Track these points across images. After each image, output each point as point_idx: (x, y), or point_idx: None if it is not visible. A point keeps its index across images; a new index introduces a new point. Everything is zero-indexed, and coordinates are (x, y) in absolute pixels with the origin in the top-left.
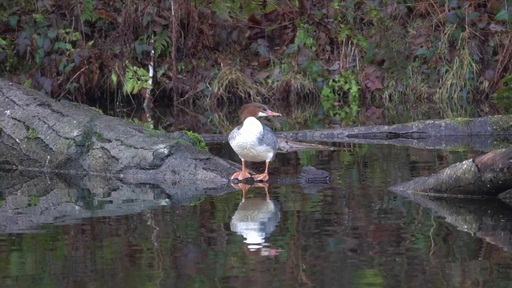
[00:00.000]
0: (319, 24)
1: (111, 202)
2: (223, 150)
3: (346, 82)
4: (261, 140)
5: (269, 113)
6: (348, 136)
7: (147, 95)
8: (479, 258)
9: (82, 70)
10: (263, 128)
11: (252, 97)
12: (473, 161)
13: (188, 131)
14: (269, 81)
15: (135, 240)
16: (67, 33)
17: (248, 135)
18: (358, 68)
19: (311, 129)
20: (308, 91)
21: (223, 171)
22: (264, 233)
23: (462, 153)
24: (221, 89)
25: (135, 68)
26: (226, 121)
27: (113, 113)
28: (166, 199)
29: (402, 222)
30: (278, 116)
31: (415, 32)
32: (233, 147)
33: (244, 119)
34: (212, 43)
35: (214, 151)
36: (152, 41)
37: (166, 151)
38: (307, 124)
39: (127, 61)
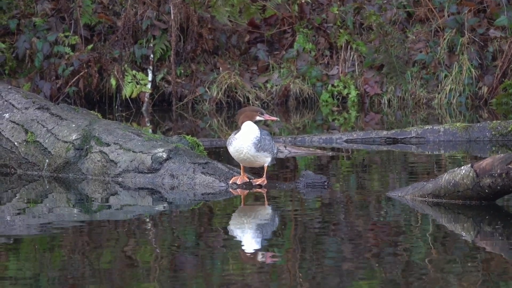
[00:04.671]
0: (319, 29)
1: (109, 206)
2: (222, 154)
3: (345, 87)
4: (257, 145)
5: (267, 117)
6: (346, 141)
7: (146, 99)
8: (477, 264)
9: (81, 73)
10: (261, 133)
11: (251, 102)
12: (472, 166)
13: (186, 136)
14: (268, 85)
15: (133, 245)
16: (66, 36)
17: (245, 140)
18: (357, 73)
19: (309, 134)
20: (307, 96)
21: (221, 175)
22: (262, 239)
23: (460, 159)
24: (220, 94)
25: (134, 72)
26: (225, 126)
27: (112, 117)
28: (165, 204)
29: (400, 227)
30: (276, 120)
31: (414, 37)
32: (230, 153)
33: (241, 123)
34: (211, 47)
35: (213, 155)
36: (151, 45)
37: (164, 155)
38: (305, 129)
39: (126, 65)
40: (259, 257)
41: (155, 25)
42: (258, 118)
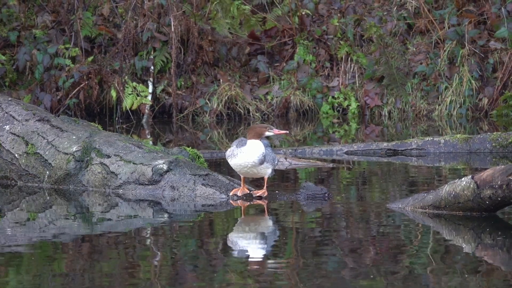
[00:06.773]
0: (319, 40)
1: (109, 218)
2: (223, 166)
3: (345, 99)
4: (262, 160)
5: (276, 131)
6: (347, 153)
7: (146, 111)
8: (478, 276)
9: (81, 85)
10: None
11: (251, 114)
12: (472, 178)
13: (187, 147)
14: (269, 97)
15: (133, 257)
16: (67, 48)
17: (250, 156)
18: (357, 84)
19: (310, 145)
20: (307, 108)
21: (222, 187)
22: (262, 251)
23: (461, 170)
24: (220, 105)
25: (134, 84)
26: (225, 138)
27: (112, 129)
28: (165, 216)
29: (401, 239)
30: (286, 133)
31: (414, 49)
32: (231, 165)
33: (249, 139)
34: (211, 59)
35: (214, 167)
36: (152, 57)
37: (165, 167)
38: (306, 141)
39: (126, 77)
40: (260, 269)
41: (155, 37)
42: (267, 133)
